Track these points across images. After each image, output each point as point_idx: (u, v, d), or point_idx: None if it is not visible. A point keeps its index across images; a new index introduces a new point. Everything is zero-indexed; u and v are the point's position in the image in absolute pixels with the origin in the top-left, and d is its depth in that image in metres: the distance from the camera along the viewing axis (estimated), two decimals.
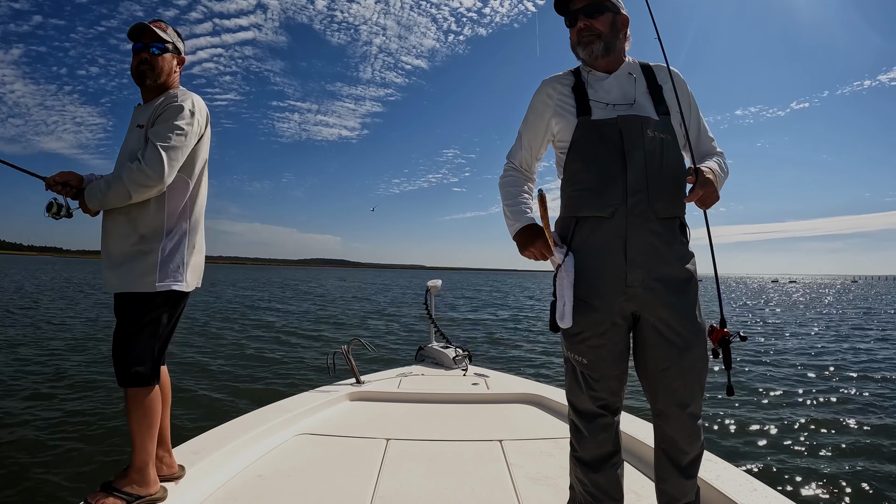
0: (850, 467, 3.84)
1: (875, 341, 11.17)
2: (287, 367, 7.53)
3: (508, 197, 1.46)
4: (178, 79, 1.82)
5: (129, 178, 1.55)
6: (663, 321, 1.27)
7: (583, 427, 1.35)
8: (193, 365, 7.31)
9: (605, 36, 1.35)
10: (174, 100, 1.66)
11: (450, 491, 1.81)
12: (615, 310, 1.29)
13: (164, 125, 1.61)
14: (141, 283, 1.59)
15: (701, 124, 1.42)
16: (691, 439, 1.31)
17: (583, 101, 1.36)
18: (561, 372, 7.60)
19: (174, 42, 1.77)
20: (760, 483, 1.73)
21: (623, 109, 1.33)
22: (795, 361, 8.39)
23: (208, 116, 1.78)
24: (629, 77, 1.38)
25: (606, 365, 1.31)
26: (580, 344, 1.32)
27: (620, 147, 1.28)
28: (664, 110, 1.34)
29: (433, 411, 2.80)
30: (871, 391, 6.32)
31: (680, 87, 1.38)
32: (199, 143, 1.71)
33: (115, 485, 1.56)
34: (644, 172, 1.27)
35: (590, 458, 1.34)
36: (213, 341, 9.74)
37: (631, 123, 1.30)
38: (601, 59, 1.38)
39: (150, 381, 1.63)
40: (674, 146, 1.34)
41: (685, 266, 1.31)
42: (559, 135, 1.41)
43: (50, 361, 7.15)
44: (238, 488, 1.81)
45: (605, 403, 1.33)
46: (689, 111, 1.39)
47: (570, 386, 1.38)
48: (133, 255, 1.60)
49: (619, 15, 1.38)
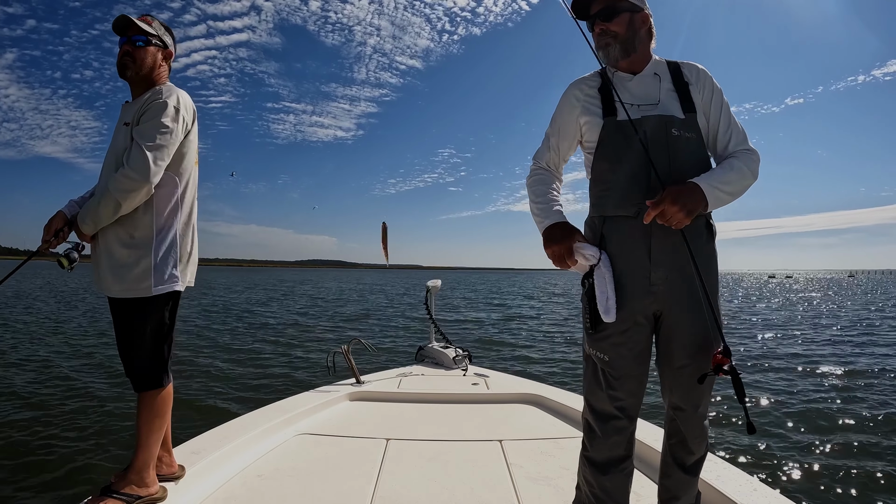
0: (850, 467, 3.84)
1: (875, 338, 11.17)
2: (287, 367, 7.53)
3: (537, 195, 1.44)
4: (167, 74, 1.77)
5: (115, 187, 1.51)
6: (684, 320, 1.29)
7: (597, 427, 1.35)
8: (193, 365, 7.31)
9: (620, 37, 1.36)
10: (159, 96, 1.61)
11: (450, 491, 1.81)
12: (638, 308, 1.30)
13: (149, 124, 1.57)
14: (137, 288, 1.57)
15: (730, 122, 1.38)
16: (700, 439, 1.36)
17: (608, 102, 1.37)
18: (561, 372, 7.60)
19: (159, 35, 1.72)
20: (760, 483, 1.73)
21: (647, 110, 1.34)
22: (796, 360, 8.39)
23: (195, 112, 1.74)
24: (654, 77, 1.39)
25: (627, 363, 1.32)
26: (602, 341, 1.33)
27: (645, 147, 1.29)
28: (690, 108, 1.34)
29: (433, 411, 2.80)
30: (871, 390, 6.32)
31: (705, 84, 1.38)
32: (186, 139, 1.67)
33: (114, 487, 1.56)
34: (668, 171, 1.28)
35: (600, 459, 1.35)
36: (213, 342, 9.75)
37: (655, 123, 1.31)
38: (621, 61, 1.39)
39: (163, 383, 1.64)
40: (699, 144, 1.35)
41: (708, 265, 1.33)
42: (586, 136, 1.42)
43: (49, 361, 7.15)
44: (238, 488, 1.81)
45: (623, 405, 1.33)
46: (713, 108, 1.37)
47: (589, 384, 1.39)
48: (125, 257, 1.58)
49: (639, 13, 1.38)
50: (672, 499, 1.39)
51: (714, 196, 1.24)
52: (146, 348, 1.61)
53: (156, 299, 1.60)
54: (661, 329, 1.34)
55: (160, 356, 1.64)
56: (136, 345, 1.61)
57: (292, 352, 8.85)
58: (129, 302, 1.59)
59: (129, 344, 1.61)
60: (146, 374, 1.62)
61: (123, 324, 1.61)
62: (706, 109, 1.36)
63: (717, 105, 1.37)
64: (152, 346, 1.62)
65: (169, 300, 1.65)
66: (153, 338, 1.62)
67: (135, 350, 1.61)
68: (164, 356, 1.65)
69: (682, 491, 1.38)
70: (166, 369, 1.66)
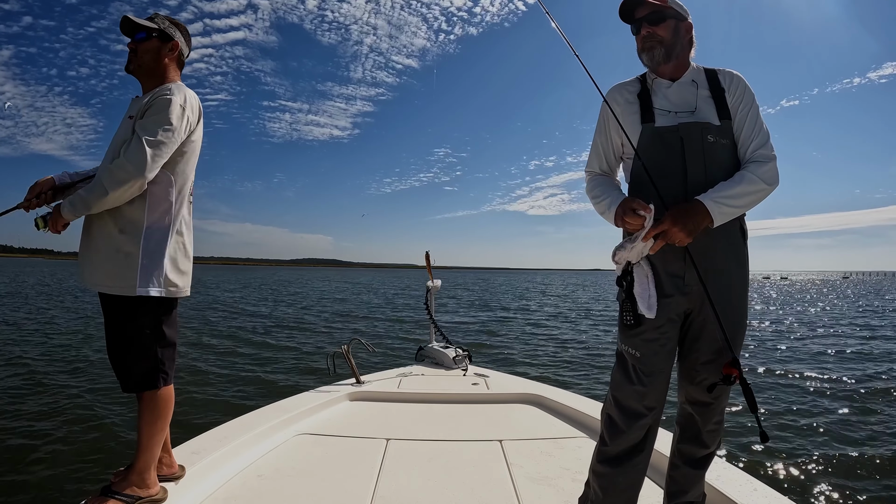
0: (850, 467, 3.84)
1: (878, 338, 11.17)
2: (287, 367, 7.53)
3: (596, 196, 1.48)
4: (175, 67, 1.75)
5: (107, 176, 1.49)
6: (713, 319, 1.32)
7: (621, 422, 1.37)
8: (193, 365, 7.31)
9: (666, 42, 1.39)
10: (165, 93, 1.60)
11: (450, 491, 1.81)
12: (673, 307, 1.34)
13: (152, 119, 1.55)
14: (122, 286, 1.54)
15: (755, 126, 1.39)
16: (715, 433, 1.42)
17: (647, 108, 1.41)
18: (561, 372, 7.60)
19: (162, 28, 1.70)
20: (760, 483, 1.73)
21: (685, 117, 1.37)
22: (796, 359, 8.40)
23: (201, 111, 1.72)
24: (692, 84, 1.42)
25: (658, 360, 1.36)
26: (636, 337, 1.37)
27: (681, 153, 1.34)
28: (726, 115, 1.38)
29: (433, 411, 2.80)
30: (872, 388, 6.33)
31: (737, 90, 1.40)
32: (188, 139, 1.65)
33: (114, 488, 1.56)
34: (703, 177, 1.33)
35: (616, 452, 1.37)
36: (213, 342, 9.74)
37: (691, 130, 1.35)
38: (663, 66, 1.42)
39: (157, 385, 1.61)
40: (733, 150, 1.38)
41: (739, 268, 1.38)
42: (625, 140, 1.46)
43: (48, 361, 7.15)
44: (238, 488, 1.81)
45: (649, 403, 1.36)
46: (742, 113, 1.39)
47: (618, 379, 1.42)
48: (112, 252, 1.55)
49: (683, 22, 1.42)
50: (679, 492, 1.43)
51: (719, 211, 1.27)
52: (134, 349, 1.58)
53: (143, 301, 1.57)
54: (690, 326, 1.39)
55: (151, 358, 1.60)
56: (123, 345, 1.58)
57: (292, 352, 8.85)
58: (114, 300, 1.57)
59: (114, 343, 1.60)
60: (134, 376, 1.59)
61: (109, 322, 1.60)
62: (737, 115, 1.40)
63: (747, 108, 1.40)
64: (141, 348, 1.58)
65: (159, 305, 1.61)
66: (142, 340, 1.58)
67: (121, 350, 1.59)
68: (157, 358, 1.61)
69: (689, 484, 1.43)
70: (160, 371, 1.62)
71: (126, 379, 1.60)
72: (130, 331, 1.58)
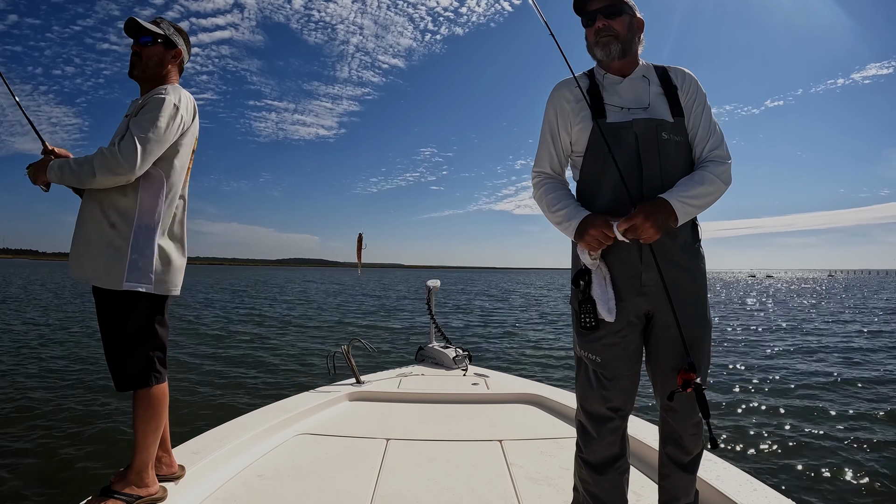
0: (850, 467, 3.84)
1: (872, 336, 11.17)
2: (287, 367, 7.53)
3: (551, 205, 1.41)
4: (177, 74, 1.78)
5: (100, 159, 1.52)
6: (675, 320, 1.30)
7: (591, 428, 1.36)
8: (193, 366, 7.31)
9: (622, 37, 1.37)
10: (160, 92, 1.62)
11: (450, 491, 1.81)
12: (631, 308, 1.32)
13: (146, 116, 1.57)
14: (109, 279, 1.55)
15: (709, 125, 1.39)
16: (695, 437, 1.37)
17: (598, 104, 1.37)
18: (561, 372, 7.59)
19: (167, 35, 1.73)
20: (760, 483, 1.73)
21: (638, 113, 1.35)
22: (795, 358, 8.39)
23: (196, 112, 1.73)
24: (643, 80, 1.40)
25: (620, 364, 1.33)
26: (595, 342, 1.34)
27: (636, 150, 1.31)
28: (678, 112, 1.36)
29: (433, 411, 2.80)
30: (873, 388, 6.32)
31: (690, 88, 1.39)
32: (181, 139, 1.66)
33: (114, 487, 1.56)
34: (658, 174, 1.30)
35: (596, 460, 1.35)
36: (212, 342, 9.74)
37: (646, 126, 1.32)
38: (617, 61, 1.39)
39: (149, 383, 1.61)
40: (687, 148, 1.37)
41: (696, 266, 1.36)
42: (575, 137, 1.42)
43: (47, 360, 7.15)
44: (238, 488, 1.81)
45: (616, 406, 1.34)
46: (695, 111, 1.39)
47: (582, 386, 1.40)
48: (102, 245, 1.56)
49: (636, 17, 1.40)
50: (672, 500, 1.40)
51: (683, 211, 1.26)
52: (125, 347, 1.58)
53: (133, 298, 1.57)
54: (652, 329, 1.35)
55: (143, 356, 1.60)
56: (115, 342, 1.59)
57: (292, 352, 8.85)
58: (105, 294, 1.57)
59: (106, 340, 1.60)
60: (126, 374, 1.59)
61: (101, 318, 1.60)
62: (692, 113, 1.38)
63: (700, 108, 1.39)
64: (133, 346, 1.59)
65: (150, 302, 1.61)
66: (133, 337, 1.59)
67: (114, 347, 1.59)
68: (149, 356, 1.61)
69: (681, 491, 1.39)
70: (153, 370, 1.62)
71: (119, 377, 1.60)
72: (121, 327, 1.58)
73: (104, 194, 1.59)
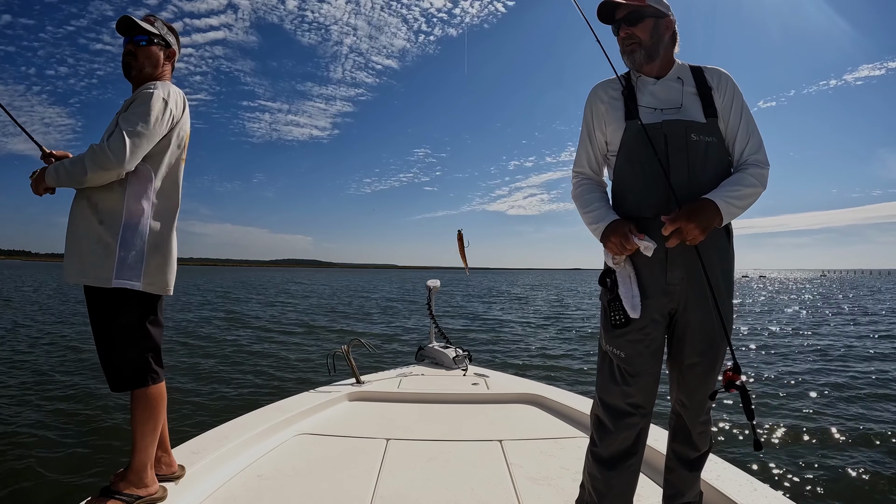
0: (850, 467, 3.84)
1: (876, 336, 11.16)
2: (287, 367, 7.52)
3: (585, 205, 1.46)
4: (170, 73, 1.78)
5: (90, 157, 1.52)
6: (698, 319, 1.33)
7: (609, 422, 1.37)
8: (193, 366, 7.31)
9: (645, 43, 1.38)
10: (149, 87, 1.62)
11: (450, 491, 1.81)
12: (656, 306, 1.34)
13: (134, 111, 1.58)
14: (97, 277, 1.54)
15: (748, 127, 1.40)
16: (704, 435, 1.42)
17: (631, 105, 1.39)
18: (561, 372, 7.59)
19: (162, 35, 1.73)
20: (760, 483, 1.73)
21: (670, 114, 1.36)
22: (795, 358, 8.39)
23: (186, 106, 1.72)
24: (677, 81, 1.41)
25: (643, 360, 1.35)
26: (620, 338, 1.36)
27: (665, 151, 1.32)
28: (712, 112, 1.37)
29: (433, 411, 2.80)
30: (873, 387, 6.32)
31: (726, 89, 1.39)
32: (170, 134, 1.66)
33: (113, 487, 1.55)
34: (687, 175, 1.32)
35: (608, 454, 1.36)
36: (212, 343, 9.74)
37: (675, 128, 1.33)
38: (645, 66, 1.41)
39: (145, 383, 1.60)
40: (719, 148, 1.37)
41: (724, 266, 1.37)
42: (609, 138, 1.45)
43: (47, 359, 7.15)
44: (238, 488, 1.81)
45: (636, 402, 1.35)
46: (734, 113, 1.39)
47: (603, 380, 1.41)
48: (91, 243, 1.56)
49: (663, 19, 1.40)
50: (677, 494, 1.43)
51: (728, 211, 1.28)
52: (118, 347, 1.58)
53: (124, 298, 1.56)
54: (675, 327, 1.38)
55: (137, 357, 1.59)
56: (107, 343, 1.58)
57: (292, 352, 8.85)
58: (95, 294, 1.57)
59: (99, 341, 1.59)
60: (121, 375, 1.59)
61: (92, 319, 1.59)
62: (727, 114, 1.39)
63: (738, 110, 1.39)
64: (125, 346, 1.58)
65: (141, 302, 1.60)
66: (125, 337, 1.58)
67: (107, 348, 1.58)
68: (143, 356, 1.61)
69: (686, 486, 1.43)
70: (148, 370, 1.61)
71: (114, 378, 1.60)
72: (113, 328, 1.57)
73: (92, 191, 1.59)
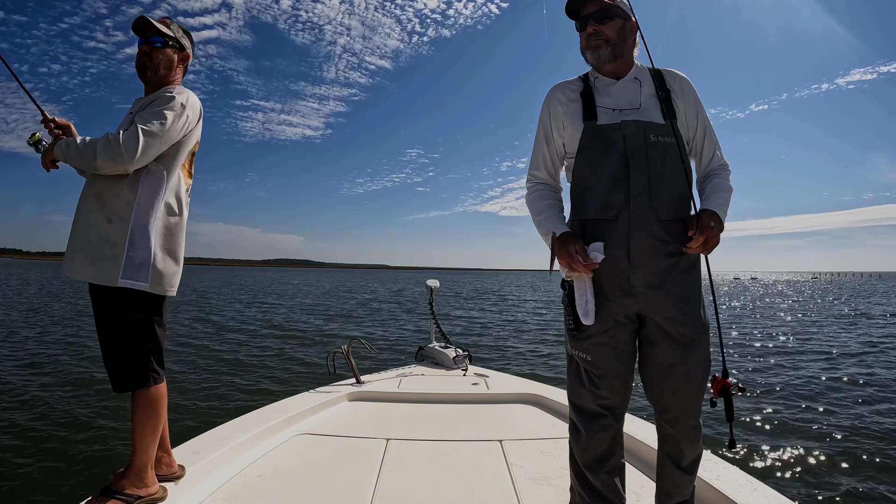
0: (851, 466, 3.84)
1: (874, 336, 11.16)
2: (287, 367, 7.53)
3: (536, 213, 1.47)
4: (182, 76, 1.81)
5: (103, 144, 1.52)
6: (667, 320, 1.31)
7: (581, 426, 1.36)
8: (193, 366, 7.31)
9: (612, 41, 1.38)
10: (169, 91, 1.66)
11: (450, 491, 1.81)
12: (619, 309, 1.32)
13: (153, 111, 1.59)
14: (104, 275, 1.54)
15: (707, 132, 1.42)
16: (693, 441, 1.36)
17: (589, 106, 1.39)
18: (561, 372, 7.60)
19: (177, 38, 1.76)
20: (760, 483, 1.73)
21: (628, 115, 1.36)
22: (796, 358, 8.39)
23: (202, 113, 1.75)
24: (636, 82, 1.41)
25: (610, 362, 1.34)
26: (584, 341, 1.36)
27: (624, 152, 1.32)
28: (671, 114, 1.37)
29: (433, 411, 2.80)
30: (873, 387, 6.32)
31: (686, 92, 1.41)
32: (185, 139, 1.68)
33: (114, 487, 1.55)
34: (646, 176, 1.31)
35: (586, 459, 1.35)
36: (211, 343, 9.74)
37: (634, 128, 1.33)
38: (608, 64, 1.40)
39: (147, 383, 1.60)
40: (677, 150, 1.36)
41: (687, 266, 1.34)
42: (567, 139, 1.44)
43: (46, 359, 7.15)
44: (238, 488, 1.81)
45: (607, 404, 1.34)
46: (694, 116, 1.41)
47: (573, 383, 1.40)
48: (98, 240, 1.55)
49: (629, 21, 1.40)
50: (667, 498, 1.40)
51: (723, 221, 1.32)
52: (122, 347, 1.57)
53: (129, 297, 1.56)
54: (644, 331, 1.36)
55: (140, 356, 1.59)
56: (111, 343, 1.58)
57: (292, 352, 8.85)
58: (100, 292, 1.57)
59: (103, 341, 1.59)
60: (124, 375, 1.58)
61: (97, 318, 1.59)
62: (688, 118, 1.40)
63: (702, 115, 1.42)
64: (129, 346, 1.58)
65: (146, 301, 1.60)
66: (130, 337, 1.58)
67: (110, 348, 1.58)
68: (146, 357, 1.61)
69: (676, 489, 1.39)
70: (150, 370, 1.61)
71: (116, 378, 1.60)
72: (118, 327, 1.57)
73: (102, 187, 1.59)
